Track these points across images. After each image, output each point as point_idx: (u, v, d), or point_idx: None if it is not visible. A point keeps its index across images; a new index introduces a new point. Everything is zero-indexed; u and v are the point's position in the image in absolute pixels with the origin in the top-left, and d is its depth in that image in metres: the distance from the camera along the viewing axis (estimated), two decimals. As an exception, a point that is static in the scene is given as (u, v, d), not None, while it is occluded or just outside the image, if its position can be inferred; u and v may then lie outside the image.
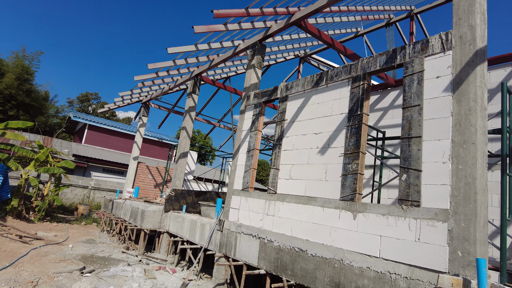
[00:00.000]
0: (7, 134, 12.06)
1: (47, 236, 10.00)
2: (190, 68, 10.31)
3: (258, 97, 6.88)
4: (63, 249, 8.24)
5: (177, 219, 8.63)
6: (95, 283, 5.78)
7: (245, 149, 6.90)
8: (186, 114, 10.09)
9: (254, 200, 6.20)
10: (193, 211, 9.77)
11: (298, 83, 5.98)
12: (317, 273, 4.65)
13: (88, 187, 19.43)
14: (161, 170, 14.96)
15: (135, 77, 9.74)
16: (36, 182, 12.39)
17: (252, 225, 6.08)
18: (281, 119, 6.14)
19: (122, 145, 25.62)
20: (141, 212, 9.19)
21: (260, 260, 5.62)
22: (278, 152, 5.98)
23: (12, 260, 6.52)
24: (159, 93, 13.15)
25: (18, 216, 12.38)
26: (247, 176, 6.57)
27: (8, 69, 28.28)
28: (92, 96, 42.59)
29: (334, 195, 4.81)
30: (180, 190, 9.48)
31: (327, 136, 5.17)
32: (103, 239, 10.91)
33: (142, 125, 13.98)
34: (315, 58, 13.59)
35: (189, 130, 9.99)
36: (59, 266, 6.45)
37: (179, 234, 8.38)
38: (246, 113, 7.15)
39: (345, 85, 5.17)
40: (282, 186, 5.75)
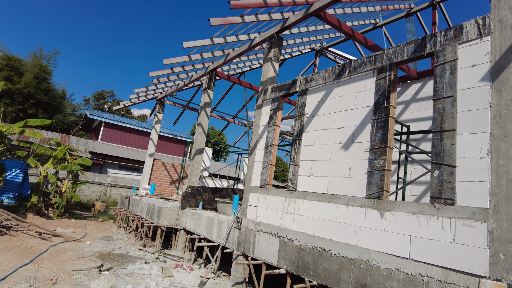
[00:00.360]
0: (26, 132, 12.20)
1: (66, 232, 10.08)
2: (205, 64, 10.16)
3: (276, 91, 6.66)
4: (81, 246, 8.26)
5: (194, 216, 8.53)
6: (113, 281, 5.72)
7: (262, 145, 6.71)
8: (201, 110, 9.96)
9: (273, 198, 6.01)
10: (209, 208, 9.66)
11: (319, 76, 5.74)
12: (341, 274, 4.44)
13: (105, 184, 19.63)
14: (176, 167, 14.94)
15: (150, 73, 9.66)
16: (54, 179, 12.51)
17: (271, 223, 5.90)
18: (300, 113, 5.92)
19: (137, 142, 25.82)
20: (157, 209, 9.13)
21: (280, 260, 5.45)
22: (298, 148, 5.77)
23: (32, 257, 6.54)
24: (174, 89, 13.07)
25: (38, 212, 12.56)
26: (265, 173, 6.39)
27: (26, 68, 28.83)
28: (107, 94, 43.12)
29: (359, 192, 4.57)
30: (196, 187, 9.38)
31: (351, 131, 4.93)
32: (120, 236, 10.94)
33: (158, 122, 13.95)
34: (332, 51, 13.26)
35: (205, 127, 9.86)
36: (78, 264, 6.43)
37: (196, 231, 8.28)
38: (263, 108, 6.95)
39: (370, 77, 4.90)
40: (302, 183, 5.54)
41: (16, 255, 6.49)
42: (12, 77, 27.58)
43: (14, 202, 14.94)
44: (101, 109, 42.14)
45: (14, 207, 13.66)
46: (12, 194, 15.18)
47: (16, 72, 28.17)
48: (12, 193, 15.21)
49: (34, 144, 12.86)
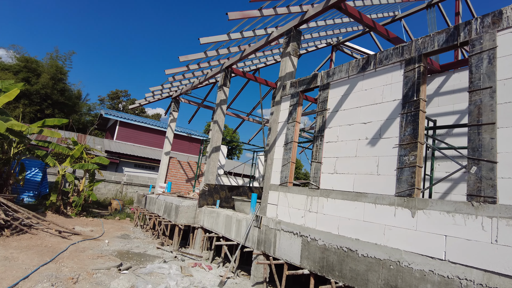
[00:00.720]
0: (44, 131, 12.33)
1: (84, 231, 10.14)
2: (220, 60, 10.04)
3: (295, 86, 6.48)
4: (99, 244, 8.27)
5: (212, 214, 8.44)
6: (133, 280, 5.66)
7: (281, 142, 6.54)
8: (217, 108, 9.85)
9: (294, 196, 5.85)
10: (226, 206, 9.56)
11: (341, 69, 5.53)
12: (369, 275, 4.25)
13: (121, 182, 19.80)
14: (192, 165, 14.91)
15: (166, 70, 9.60)
16: (72, 178, 12.64)
17: (292, 222, 5.74)
18: (322, 108, 5.72)
19: (152, 140, 25.99)
20: (175, 207, 9.08)
21: (303, 260, 5.28)
22: (320, 145, 5.58)
23: (53, 256, 6.55)
24: (189, 87, 13.01)
25: (56, 211, 12.71)
26: (285, 171, 6.22)
27: (43, 69, 29.36)
28: (121, 94, 43.59)
29: (388, 190, 4.37)
30: (213, 185, 9.29)
31: (378, 126, 4.71)
32: (137, 234, 10.96)
33: (173, 120, 13.93)
34: (348, 46, 12.98)
35: (221, 124, 9.75)
36: (97, 263, 6.41)
37: (214, 229, 8.19)
38: (282, 103, 6.78)
39: (397, 69, 4.68)
40: (325, 181, 5.35)
41: (37, 254, 6.52)
42: (30, 78, 28.13)
43: (34, 200, 15.20)
44: (115, 108, 42.65)
45: (34, 205, 13.88)
46: (32, 192, 15.45)
47: (34, 73, 28.72)
48: (32, 191, 15.49)
49: (52, 144, 13.01)
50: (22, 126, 10.23)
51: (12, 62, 29.14)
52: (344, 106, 5.33)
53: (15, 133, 10.90)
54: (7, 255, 6.20)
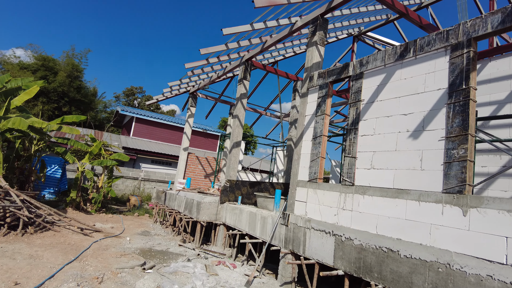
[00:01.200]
0: (63, 128, 12.33)
1: (105, 227, 10.09)
2: (240, 53, 9.76)
3: (324, 77, 6.15)
4: (121, 242, 8.16)
5: (234, 211, 8.22)
6: (158, 280, 5.49)
7: (309, 136, 6.24)
8: (237, 102, 9.59)
9: (325, 193, 5.55)
10: (248, 202, 9.33)
11: (376, 57, 5.18)
12: (413, 278, 3.94)
13: (138, 178, 19.84)
14: (210, 161, 14.74)
15: (186, 64, 9.38)
16: (91, 174, 12.64)
17: (324, 221, 5.46)
18: (355, 99, 5.39)
19: (168, 136, 26.00)
20: (196, 203, 8.90)
21: (336, 260, 5.00)
22: (354, 138, 5.25)
23: (76, 254, 6.45)
24: (207, 82, 12.79)
25: (77, 207, 12.75)
26: (315, 166, 5.92)
27: (60, 67, 29.69)
28: (137, 90, 43.86)
29: (434, 186, 4.03)
30: (234, 181, 9.07)
31: (421, 117, 4.36)
32: (157, 230, 10.86)
33: (191, 116, 13.75)
34: (370, 36, 12.52)
35: (241, 118, 9.50)
36: (121, 261, 6.27)
37: (237, 226, 7.97)
38: (309, 96, 6.47)
39: (441, 55, 4.31)
40: (361, 177, 5.04)
41: (61, 252, 6.42)
42: (47, 76, 28.49)
43: (55, 197, 15.33)
44: (131, 105, 42.96)
45: (55, 202, 13.98)
46: (52, 189, 15.59)
47: (51, 71, 29.06)
48: (53, 188, 15.63)
49: (71, 140, 13.03)
50: (42, 123, 10.22)
51: (30, 61, 29.55)
52: (380, 96, 4.99)
53: (35, 130, 10.91)
54: (32, 253, 6.12)
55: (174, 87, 12.64)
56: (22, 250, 6.21)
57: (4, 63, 28.51)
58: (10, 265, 5.33)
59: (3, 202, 7.65)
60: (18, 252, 6.04)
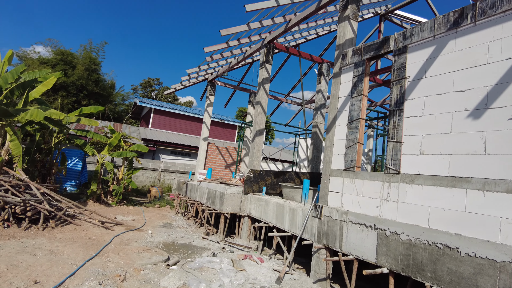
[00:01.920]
0: (82, 120, 12.16)
1: (126, 220, 9.87)
2: (261, 35, 9.18)
3: (360, 54, 5.55)
4: (143, 235, 7.88)
5: (259, 202, 7.79)
6: (184, 278, 5.13)
7: (344, 120, 5.68)
8: (259, 87, 9.07)
9: (364, 182, 5.01)
10: (272, 193, 8.88)
11: (423, 28, 4.54)
12: (479, 280, 3.39)
13: (158, 169, 19.71)
14: (230, 151, 14.35)
15: (205, 48, 8.91)
16: (111, 166, 12.45)
17: (364, 213, 4.93)
18: (399, 77, 4.78)
19: (186, 127, 25.78)
20: (219, 194, 8.52)
21: (379, 256, 4.49)
22: (399, 121, 4.67)
23: (97, 249, 6.18)
24: (225, 68, 12.30)
25: (97, 200, 12.64)
26: (351, 153, 5.38)
27: (78, 61, 29.84)
28: (154, 82, 43.83)
29: (502, 173, 3.43)
30: (258, 171, 8.61)
31: (483, 93, 3.74)
32: (179, 222, 10.59)
33: (210, 105, 13.33)
34: (398, 15, 11.69)
35: (264, 105, 8.98)
36: (144, 257, 5.95)
37: (263, 218, 7.55)
38: (343, 75, 5.88)
39: (509, 19, 3.65)
40: (408, 163, 4.47)
41: (82, 247, 6.16)
42: (66, 70, 28.66)
43: (76, 189, 15.34)
44: (148, 97, 43.02)
45: (76, 194, 13.95)
46: (73, 182, 15.61)
47: (69, 65, 29.24)
48: (74, 180, 15.64)
49: (90, 132, 12.86)
50: (60, 115, 10.01)
51: (49, 56, 29.79)
52: (430, 72, 4.37)
53: (54, 122, 10.74)
54: (53, 248, 5.87)
55: (192, 74, 12.21)
56: (43, 245, 5.97)
57: (25, 58, 28.83)
58: (30, 262, 5.08)
59: (24, 196, 7.46)
60: (39, 248, 5.80)
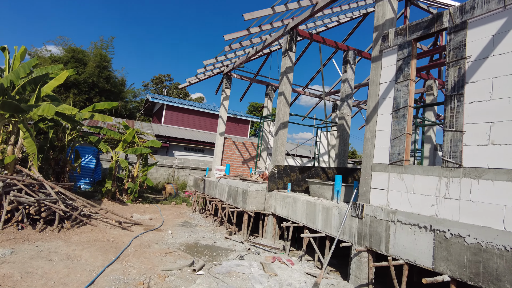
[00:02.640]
0: (95, 116, 11.79)
1: (143, 219, 9.48)
2: (284, 21, 8.60)
3: (405, 34, 4.94)
4: (163, 236, 7.44)
5: (286, 200, 7.26)
6: (213, 285, 4.65)
7: (387, 108, 5.09)
8: (282, 77, 8.50)
9: (416, 178, 4.44)
10: (297, 190, 8.34)
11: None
12: None
13: (172, 166, 19.36)
14: (247, 146, 13.84)
15: (226, 36, 8.37)
16: (126, 163, 12.08)
17: (416, 212, 4.36)
18: (456, 57, 4.17)
19: (199, 123, 25.37)
20: (241, 192, 8.02)
21: (437, 261, 3.92)
22: (458, 107, 4.07)
23: (116, 252, 5.75)
24: (243, 59, 11.76)
25: (112, 198, 12.30)
26: (398, 145, 4.80)
27: (89, 58, 29.70)
28: (165, 78, 43.54)
29: None
30: (283, 166, 8.08)
31: None
32: (198, 221, 10.16)
33: (226, 98, 12.81)
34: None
35: (288, 96, 8.41)
36: (167, 261, 5.49)
37: (291, 217, 7.03)
38: (384, 59, 5.28)
39: None
40: (472, 156, 3.87)
41: (100, 251, 5.74)
42: (77, 68, 28.55)
43: (90, 187, 15.06)
44: (160, 93, 42.77)
45: (91, 192, 13.66)
46: (87, 179, 15.33)
47: (80, 63, 29.13)
48: (88, 178, 15.36)
49: (104, 129, 12.50)
50: (72, 110, 9.61)
51: (60, 54, 29.70)
52: (498, 49, 3.75)
53: (67, 118, 10.38)
54: (69, 252, 5.46)
55: (208, 66, 11.70)
56: (59, 249, 5.57)
57: (37, 56, 28.77)
58: (46, 269, 4.66)
59: (38, 195, 7.09)
60: (55, 252, 5.40)
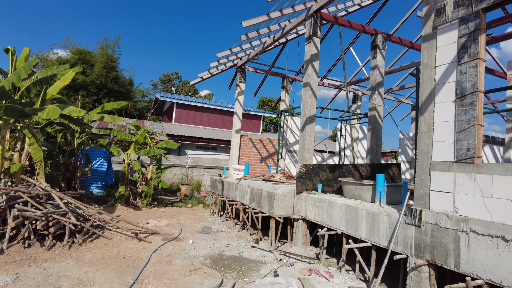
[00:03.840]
0: (105, 117, 11.17)
1: (160, 226, 8.84)
2: (306, 3, 7.77)
3: (469, 4, 4.08)
4: (184, 247, 6.75)
5: (319, 203, 6.49)
6: (250, 313, 3.93)
7: (448, 95, 4.25)
8: (307, 66, 7.68)
9: (496, 179, 3.61)
10: (328, 191, 7.56)
11: None
12: None
13: (186, 165, 18.73)
14: (265, 142, 13.07)
15: (244, 22, 7.57)
16: (138, 166, 11.44)
17: (498, 221, 3.55)
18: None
19: (210, 120, 24.69)
20: (267, 195, 7.27)
21: (535, 285, 3.11)
22: (557, 88, 3.22)
23: (135, 272, 5.08)
24: (258, 50, 10.96)
25: (126, 202, 11.71)
26: (466, 139, 3.97)
27: (96, 59, 29.25)
28: (173, 76, 42.94)
29: None
30: (311, 165, 7.30)
31: None
32: (218, 225, 9.47)
33: (241, 93, 12.03)
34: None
35: (314, 86, 7.59)
36: (193, 282, 4.78)
37: (326, 223, 6.26)
38: (440, 37, 4.43)
39: None
40: None
41: (116, 271, 5.06)
42: (85, 69, 28.15)
43: (103, 191, 14.52)
44: (169, 91, 42.24)
45: (103, 197, 13.10)
46: (99, 183, 14.79)
47: (88, 64, 28.73)
48: (100, 182, 14.82)
49: (114, 130, 11.88)
50: (80, 111, 8.96)
51: (67, 56, 29.30)
52: None
53: (75, 121, 9.76)
54: (81, 275, 4.79)
55: (222, 59, 10.93)
56: (70, 272, 4.90)
57: (44, 60, 28.41)
58: (54, 298, 4.00)
59: (45, 208, 6.46)
60: (65, 276, 4.73)
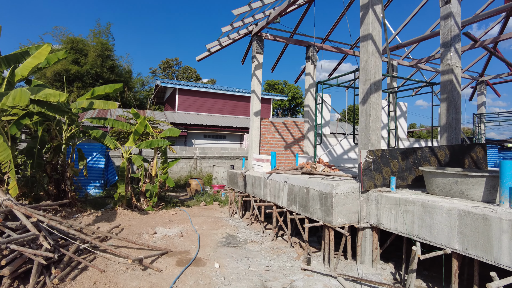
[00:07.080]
0: (96, 104, 9.10)
1: (171, 236, 6.87)
2: None
3: None
4: (211, 279, 4.71)
5: (406, 206, 4.40)
6: None
7: None
8: (367, 11, 5.48)
9: None
10: (401, 185, 5.46)
11: None
12: None
13: (193, 157, 16.67)
14: (289, 126, 10.94)
15: None
16: (140, 161, 9.38)
17: None
18: None
19: (217, 106, 22.50)
20: (319, 196, 5.19)
21: None
22: None
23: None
24: (276, 12, 8.76)
25: (128, 205, 9.71)
26: None
27: (89, 48, 27.17)
28: (173, 62, 40.55)
29: None
30: (380, 152, 5.19)
31: None
32: (243, 231, 7.49)
33: (258, 67, 9.83)
34: None
35: (377, 39, 5.41)
36: None
37: (420, 236, 4.19)
38: None
39: None
40: None
41: None
42: (78, 59, 26.10)
43: (102, 191, 12.49)
44: (169, 78, 39.94)
45: (101, 199, 11.09)
46: (97, 182, 12.74)
47: (81, 53, 26.67)
48: (98, 181, 12.77)
49: (109, 120, 9.80)
50: (60, 95, 6.85)
51: (59, 46, 27.03)
52: None
53: (56, 109, 7.67)
54: None
55: (236, 22, 8.71)
56: None
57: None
58: None
59: (3, 231, 4.41)
60: None
